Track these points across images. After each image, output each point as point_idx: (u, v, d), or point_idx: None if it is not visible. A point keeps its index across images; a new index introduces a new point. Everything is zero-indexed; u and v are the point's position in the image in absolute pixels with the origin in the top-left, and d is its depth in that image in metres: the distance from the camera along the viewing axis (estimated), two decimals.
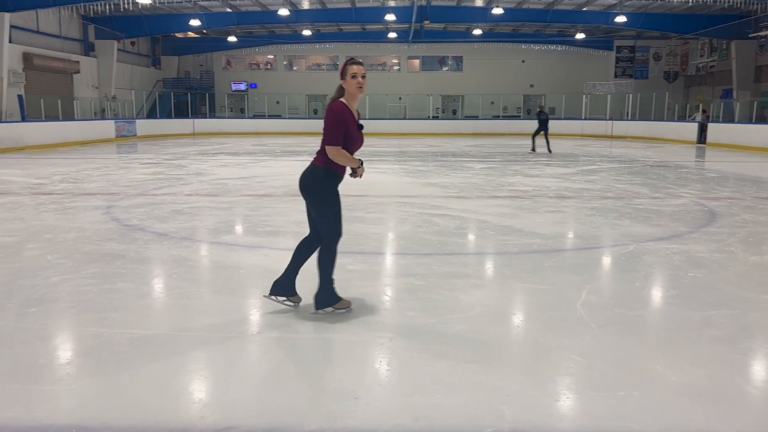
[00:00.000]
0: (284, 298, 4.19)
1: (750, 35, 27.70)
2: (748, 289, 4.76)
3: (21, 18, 23.89)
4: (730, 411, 2.85)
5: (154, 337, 3.73)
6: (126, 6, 25.23)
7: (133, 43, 33.90)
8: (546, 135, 20.15)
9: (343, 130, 3.80)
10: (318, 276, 4.05)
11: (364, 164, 4.00)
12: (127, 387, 3.05)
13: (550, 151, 19.99)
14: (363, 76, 3.86)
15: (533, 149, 20.25)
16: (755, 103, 24.51)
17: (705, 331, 3.86)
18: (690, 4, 26.52)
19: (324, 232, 3.99)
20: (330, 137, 3.79)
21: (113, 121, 27.07)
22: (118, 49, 30.68)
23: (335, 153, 3.81)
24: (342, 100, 3.88)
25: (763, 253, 5.93)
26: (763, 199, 9.54)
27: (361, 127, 3.93)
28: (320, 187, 3.92)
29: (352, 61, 3.89)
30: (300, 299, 4.22)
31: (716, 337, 3.78)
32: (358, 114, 4.02)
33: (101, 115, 28.55)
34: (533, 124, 20.99)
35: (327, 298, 4.08)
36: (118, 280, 4.91)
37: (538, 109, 20.74)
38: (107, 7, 24.95)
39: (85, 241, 6.36)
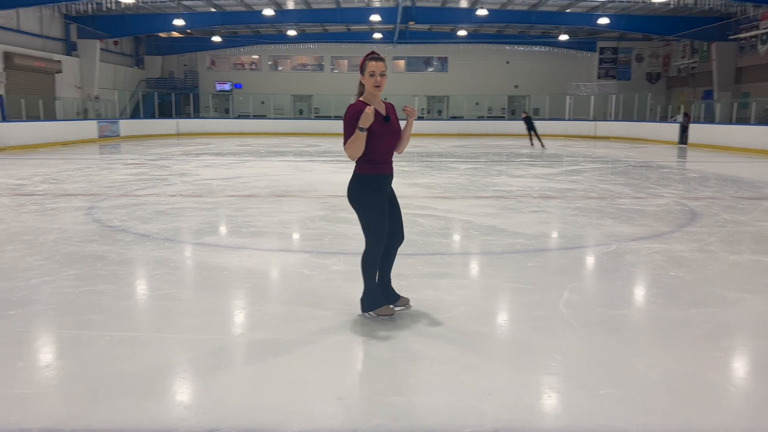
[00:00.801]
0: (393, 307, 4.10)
1: (730, 37, 28.10)
2: (728, 288, 4.82)
3: (2, 17, 23.60)
4: (710, 408, 2.89)
5: (136, 339, 3.70)
6: (109, 5, 25.06)
7: (116, 43, 33.60)
8: (536, 134, 22.89)
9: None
10: (362, 279, 4.02)
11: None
12: (108, 389, 3.03)
13: (543, 146, 22.46)
14: (381, 74, 3.70)
15: (542, 146, 22.68)
16: (735, 104, 24.83)
17: (685, 330, 3.91)
18: (671, 6, 26.85)
19: (365, 238, 3.91)
20: (344, 140, 3.75)
21: (96, 121, 26.81)
22: (101, 49, 30.39)
23: (348, 151, 3.73)
24: (361, 99, 3.79)
25: (743, 253, 6.01)
26: (743, 199, 9.67)
27: (387, 119, 3.78)
28: (356, 195, 3.84)
29: (371, 56, 3.71)
30: (405, 300, 4.18)
31: (696, 335, 3.82)
32: (389, 106, 3.91)
33: (84, 115, 28.26)
34: (518, 125, 21.32)
35: (368, 302, 4.02)
36: (100, 282, 4.86)
37: (523, 115, 23.44)
38: (90, 6, 24.76)
39: (66, 242, 6.29)
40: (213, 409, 2.83)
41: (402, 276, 5.03)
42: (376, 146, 3.76)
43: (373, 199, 3.82)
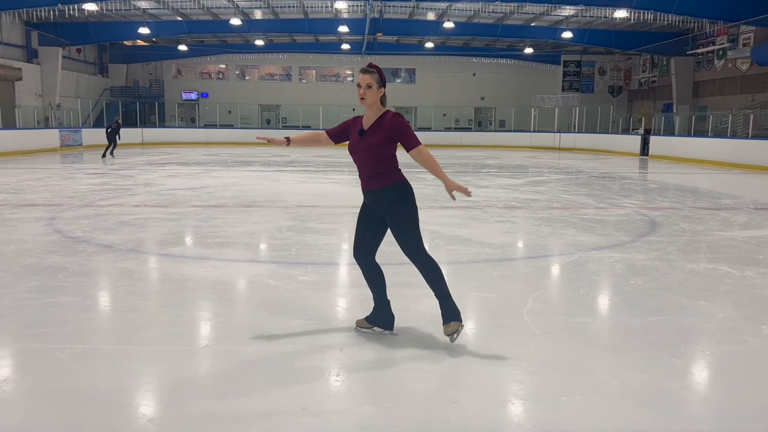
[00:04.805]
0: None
1: (688, 52, 28.98)
2: (686, 295, 4.95)
3: None
4: (669, 413, 2.96)
5: (98, 352, 3.64)
6: (71, 12, 24.62)
7: (78, 51, 33.01)
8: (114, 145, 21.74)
9: (341, 131, 3.83)
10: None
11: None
12: (69, 403, 2.97)
13: (110, 155, 21.56)
14: (368, 86, 3.61)
15: (110, 154, 21.59)
16: (693, 117, 25.59)
17: (645, 337, 4.00)
18: (632, 21, 27.59)
19: None
20: None
21: (57, 130, 26.25)
22: (63, 56, 29.82)
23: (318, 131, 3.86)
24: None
25: (700, 261, 6.18)
26: (701, 209, 9.96)
27: (361, 132, 3.67)
28: None
29: (362, 68, 3.66)
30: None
31: (655, 342, 3.92)
32: (388, 119, 3.71)
33: (45, 123, 27.67)
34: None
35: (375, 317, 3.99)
36: (60, 294, 4.76)
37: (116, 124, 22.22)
38: (52, 13, 24.26)
39: (25, 253, 6.14)
40: (176, 421, 2.80)
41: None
42: (355, 161, 3.78)
43: (360, 212, 3.93)
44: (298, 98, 37.31)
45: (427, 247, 3.93)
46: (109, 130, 21.40)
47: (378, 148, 3.63)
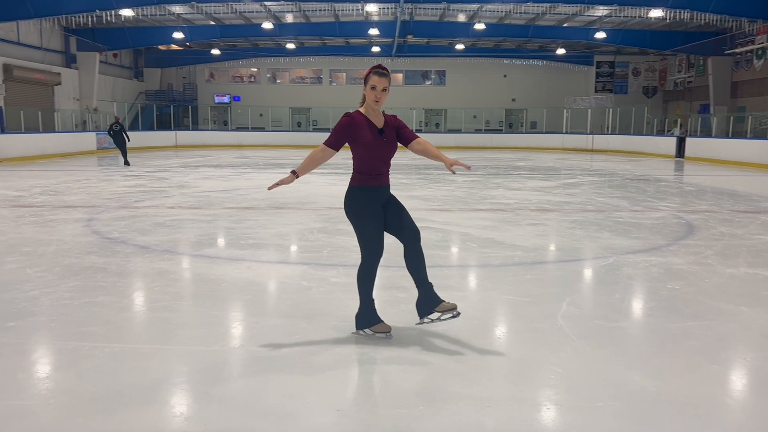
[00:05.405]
0: (438, 314, 3.84)
1: (726, 52, 28.32)
2: (725, 300, 4.84)
3: (2, 29, 23.72)
4: (708, 421, 2.90)
5: (135, 351, 3.71)
6: (108, 18, 25.18)
7: (115, 55, 33.76)
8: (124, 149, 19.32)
9: (341, 139, 3.74)
10: (358, 295, 3.96)
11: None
12: (108, 402, 3.03)
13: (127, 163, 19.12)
14: (384, 90, 3.71)
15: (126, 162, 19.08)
16: (731, 118, 24.99)
17: (683, 342, 3.92)
18: (668, 21, 27.10)
19: (361, 251, 3.88)
20: (326, 140, 3.75)
21: (94, 133, 26.87)
22: (100, 61, 30.54)
23: (315, 150, 3.76)
24: (360, 110, 3.81)
25: (739, 266, 6.03)
26: (740, 213, 9.72)
27: (381, 131, 3.77)
28: (351, 207, 3.82)
29: (375, 70, 3.71)
30: (451, 304, 3.89)
31: (694, 347, 3.83)
32: (390, 118, 3.88)
33: (82, 127, 28.33)
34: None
35: (364, 319, 3.95)
36: (99, 294, 4.87)
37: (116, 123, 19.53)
38: (89, 19, 24.88)
39: (65, 254, 6.30)
40: (212, 420, 2.84)
41: (401, 288, 5.05)
42: (370, 157, 3.77)
43: (368, 211, 3.80)
44: (328, 101, 37.52)
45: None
46: (112, 132, 19.18)
47: (396, 144, 3.88)
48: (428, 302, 3.85)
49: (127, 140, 19.23)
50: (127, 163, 19.10)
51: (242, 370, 3.50)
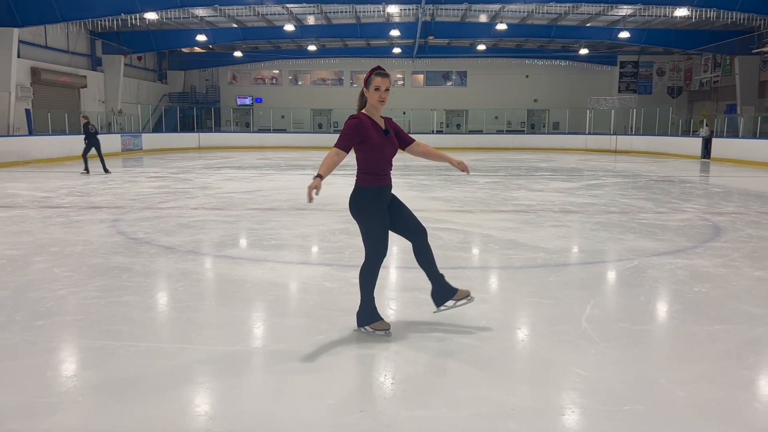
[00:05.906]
0: (453, 302, 4.12)
1: (753, 51, 27.82)
2: (753, 304, 4.75)
3: (29, 33, 24.16)
4: (736, 426, 2.85)
5: (160, 350, 3.75)
6: (133, 22, 25.53)
7: (139, 58, 34.23)
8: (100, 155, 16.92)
9: (352, 141, 3.74)
10: (360, 293, 4.00)
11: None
12: (133, 399, 3.07)
13: (106, 171, 16.85)
14: (387, 90, 3.79)
15: (105, 170, 16.84)
16: (759, 118, 24.53)
17: (710, 346, 3.86)
18: (693, 20, 26.66)
19: (365, 250, 3.91)
20: (336, 144, 3.74)
21: (119, 135, 27.27)
22: (125, 64, 31.00)
23: (329, 154, 3.75)
24: (363, 112, 3.84)
25: None
26: None
27: (386, 132, 3.86)
28: (357, 207, 3.86)
29: (377, 71, 3.80)
30: (464, 291, 4.14)
31: (722, 351, 3.77)
32: (387, 120, 3.94)
33: (107, 129, 28.75)
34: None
35: (365, 316, 3.99)
36: (125, 293, 4.93)
37: (83, 121, 17.35)
38: (115, 22, 25.24)
39: (91, 254, 6.39)
40: (235, 419, 2.86)
41: (422, 290, 5.03)
42: (378, 158, 3.82)
43: (374, 211, 3.85)
44: (349, 102, 37.35)
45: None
46: (87, 134, 16.95)
47: (397, 145, 3.99)
48: (443, 291, 4.11)
49: (98, 144, 16.88)
50: (106, 170, 16.82)
51: (265, 370, 3.52)
